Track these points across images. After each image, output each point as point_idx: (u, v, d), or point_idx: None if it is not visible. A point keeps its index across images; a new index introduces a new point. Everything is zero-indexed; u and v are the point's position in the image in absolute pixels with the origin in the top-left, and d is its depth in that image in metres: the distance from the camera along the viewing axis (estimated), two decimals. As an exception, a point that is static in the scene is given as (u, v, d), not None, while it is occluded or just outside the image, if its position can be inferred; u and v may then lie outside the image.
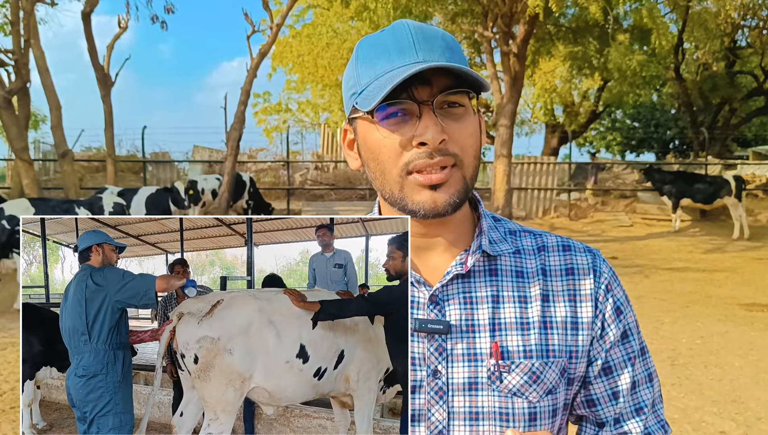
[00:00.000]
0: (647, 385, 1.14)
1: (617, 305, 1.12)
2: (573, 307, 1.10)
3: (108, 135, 14.96)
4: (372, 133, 1.02)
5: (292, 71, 22.59)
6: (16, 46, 12.54)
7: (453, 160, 1.00)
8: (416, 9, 13.75)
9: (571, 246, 1.14)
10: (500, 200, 13.79)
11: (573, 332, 1.09)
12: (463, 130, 1.01)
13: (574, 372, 1.10)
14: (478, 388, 1.05)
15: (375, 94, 0.97)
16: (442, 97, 0.98)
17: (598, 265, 1.13)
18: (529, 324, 1.07)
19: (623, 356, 1.12)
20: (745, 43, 21.58)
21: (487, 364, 1.05)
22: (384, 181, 1.03)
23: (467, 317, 1.06)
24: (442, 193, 1.00)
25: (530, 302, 1.08)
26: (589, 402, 1.14)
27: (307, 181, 19.86)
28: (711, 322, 7.66)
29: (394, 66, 0.98)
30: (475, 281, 1.08)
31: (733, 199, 14.83)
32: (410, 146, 0.99)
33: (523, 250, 1.13)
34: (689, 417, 4.72)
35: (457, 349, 1.05)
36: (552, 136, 23.73)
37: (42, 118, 26.41)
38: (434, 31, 1.03)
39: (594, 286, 1.11)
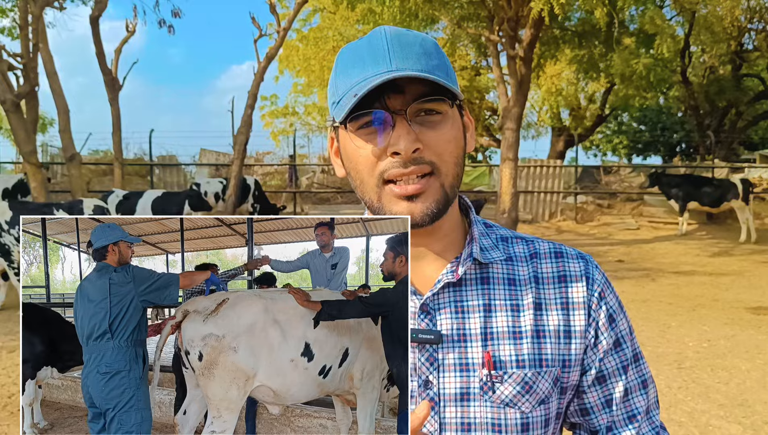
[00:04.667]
0: (641, 392, 1.13)
1: (610, 313, 1.11)
2: (566, 316, 1.08)
3: (115, 138, 15.01)
4: (349, 143, 1.02)
5: (298, 74, 22.64)
6: (24, 50, 12.62)
7: (429, 168, 0.98)
8: (422, 13, 13.76)
9: (564, 252, 1.13)
10: (506, 203, 13.77)
11: (566, 341, 1.07)
12: (439, 138, 0.99)
13: (568, 381, 1.08)
14: (470, 399, 1.03)
15: (347, 104, 0.96)
16: (416, 105, 0.97)
17: (591, 271, 1.11)
18: (521, 333, 1.05)
19: (616, 364, 1.11)
20: (752, 46, 21.51)
21: (480, 374, 1.03)
22: (363, 190, 1.03)
23: (459, 326, 1.05)
24: (419, 204, 0.99)
25: (523, 310, 1.06)
26: (583, 411, 1.13)
27: (313, 184, 19.89)
28: (718, 325, 7.63)
29: (367, 75, 0.96)
30: (467, 290, 1.07)
31: (740, 203, 14.77)
32: (385, 156, 0.98)
33: (515, 257, 1.11)
34: (696, 420, 4.71)
35: (448, 359, 1.04)
36: (558, 140, 23.70)
37: (50, 122, 26.56)
38: (412, 37, 1.01)
39: (587, 293, 1.09)
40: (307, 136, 25.56)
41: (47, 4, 12.94)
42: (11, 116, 11.79)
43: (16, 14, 15.01)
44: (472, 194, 18.73)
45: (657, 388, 1.19)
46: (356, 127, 0.99)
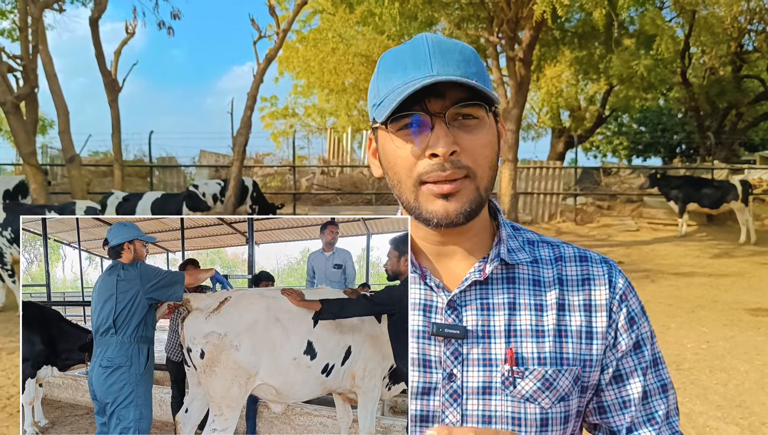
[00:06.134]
0: (661, 395, 1.15)
1: (631, 316, 1.13)
2: (588, 317, 1.11)
3: (115, 140, 15.02)
4: (389, 143, 1.05)
5: (298, 76, 22.70)
6: (24, 51, 12.65)
7: (465, 172, 1.02)
8: (422, 15, 13.78)
9: (588, 257, 1.16)
10: (506, 205, 13.79)
11: (587, 341, 1.10)
12: (475, 142, 1.02)
13: (588, 380, 1.11)
14: (492, 393, 1.07)
15: (389, 106, 1.00)
16: (455, 109, 1.00)
17: (614, 275, 1.14)
18: (544, 332, 1.09)
19: (635, 365, 1.13)
20: (752, 47, 21.55)
21: (502, 369, 1.07)
22: (401, 190, 1.06)
23: (483, 323, 1.08)
24: (454, 203, 1.02)
25: (546, 310, 1.10)
26: (600, 409, 1.15)
27: (313, 186, 19.91)
28: (717, 326, 7.64)
29: (408, 79, 1.00)
30: (493, 288, 1.10)
31: (740, 204, 14.78)
32: (423, 157, 1.02)
33: (540, 260, 1.15)
34: (693, 422, 4.72)
35: (472, 354, 1.07)
36: (558, 141, 23.73)
37: (49, 123, 26.60)
38: (452, 45, 1.05)
39: (609, 296, 1.12)
40: (306, 137, 25.64)
41: (47, 6, 12.97)
42: (11, 118, 11.81)
43: (15, 16, 15.05)
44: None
45: None
46: (396, 129, 1.03)
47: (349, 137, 22.21)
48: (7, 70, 12.31)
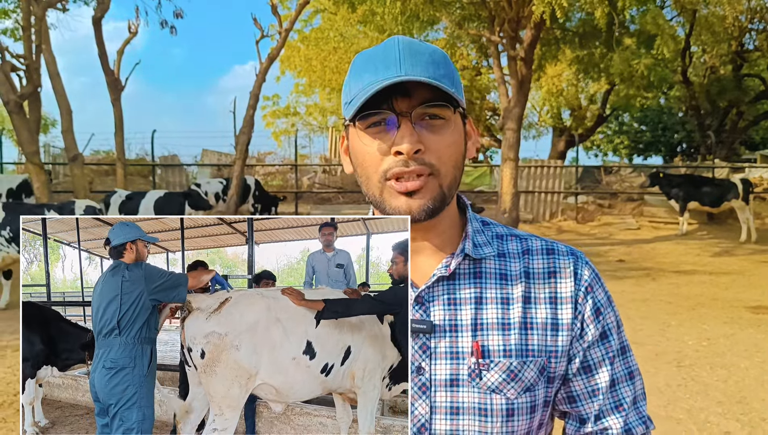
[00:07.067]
0: (627, 382, 1.18)
1: (597, 306, 1.16)
2: (554, 309, 1.14)
3: (118, 139, 15.05)
4: (357, 140, 1.09)
5: (300, 75, 22.69)
6: (27, 51, 12.68)
7: (429, 170, 1.05)
8: (423, 14, 13.78)
9: (555, 249, 1.19)
10: (507, 203, 13.80)
11: (553, 333, 1.13)
12: (440, 142, 1.06)
13: (555, 371, 1.14)
14: (459, 385, 1.10)
15: (357, 103, 1.05)
16: (421, 109, 1.04)
17: (579, 267, 1.17)
18: (510, 325, 1.11)
19: (602, 355, 1.16)
20: (753, 46, 21.51)
21: (468, 362, 1.10)
22: (368, 185, 1.10)
23: (450, 317, 1.12)
24: (417, 200, 1.06)
25: (512, 304, 1.13)
26: (570, 398, 1.18)
27: (314, 185, 19.93)
28: (717, 324, 7.66)
29: (378, 78, 1.04)
30: (460, 283, 1.13)
31: (740, 202, 14.80)
32: (389, 154, 1.05)
33: (507, 254, 1.17)
34: (694, 417, 4.75)
35: (440, 347, 1.11)
36: (559, 140, 23.72)
37: (51, 122, 26.62)
38: (423, 48, 1.08)
39: (574, 288, 1.15)
40: (308, 136, 25.64)
41: (50, 6, 12.99)
42: (14, 117, 11.85)
43: (18, 15, 15.07)
44: (473, 195, 18.78)
45: (644, 382, 1.23)
46: (365, 126, 1.07)
47: (351, 136, 22.17)
48: (11, 69, 12.33)
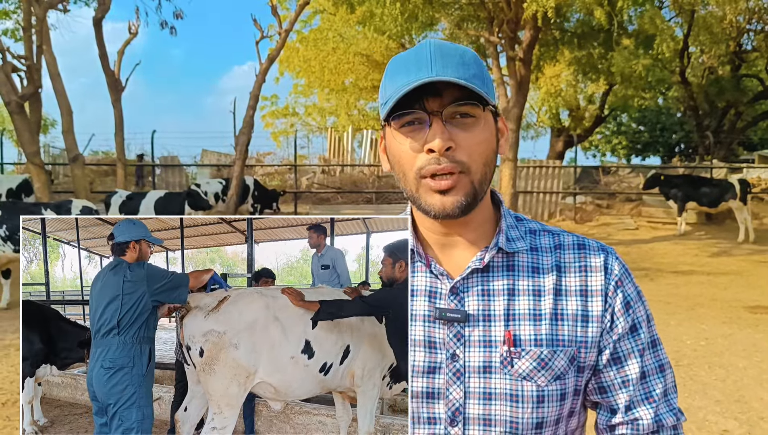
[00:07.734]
0: (658, 375, 1.22)
1: (627, 300, 1.20)
2: (584, 301, 1.18)
3: (118, 139, 15.07)
4: (392, 139, 1.15)
5: (299, 75, 22.72)
6: (28, 51, 12.69)
7: (459, 167, 1.10)
8: (422, 15, 13.83)
9: (586, 245, 1.23)
10: (506, 203, 13.77)
11: (583, 324, 1.18)
12: (471, 139, 1.11)
13: (585, 361, 1.18)
14: (492, 372, 1.15)
15: (390, 104, 1.10)
16: (451, 108, 1.09)
17: (610, 262, 1.21)
18: (541, 315, 1.17)
19: (632, 347, 1.20)
20: (751, 46, 21.58)
21: (501, 350, 1.15)
22: (405, 182, 1.15)
23: (484, 307, 1.17)
24: (450, 197, 1.11)
25: (543, 295, 1.18)
26: (600, 389, 1.22)
27: (313, 185, 19.96)
28: (715, 324, 7.69)
29: (410, 80, 1.09)
30: (493, 275, 1.19)
31: (738, 203, 14.83)
32: (422, 152, 1.10)
33: (540, 248, 1.22)
34: (693, 416, 4.78)
35: (473, 336, 1.16)
36: (557, 140, 23.75)
37: (51, 123, 26.58)
38: (453, 49, 1.13)
39: (604, 281, 1.19)
40: (307, 136, 25.66)
41: (51, 6, 13.02)
42: (15, 117, 11.86)
43: (19, 16, 15.09)
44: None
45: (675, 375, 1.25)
46: (399, 126, 1.13)
47: (350, 136, 22.24)
48: (12, 70, 12.35)
